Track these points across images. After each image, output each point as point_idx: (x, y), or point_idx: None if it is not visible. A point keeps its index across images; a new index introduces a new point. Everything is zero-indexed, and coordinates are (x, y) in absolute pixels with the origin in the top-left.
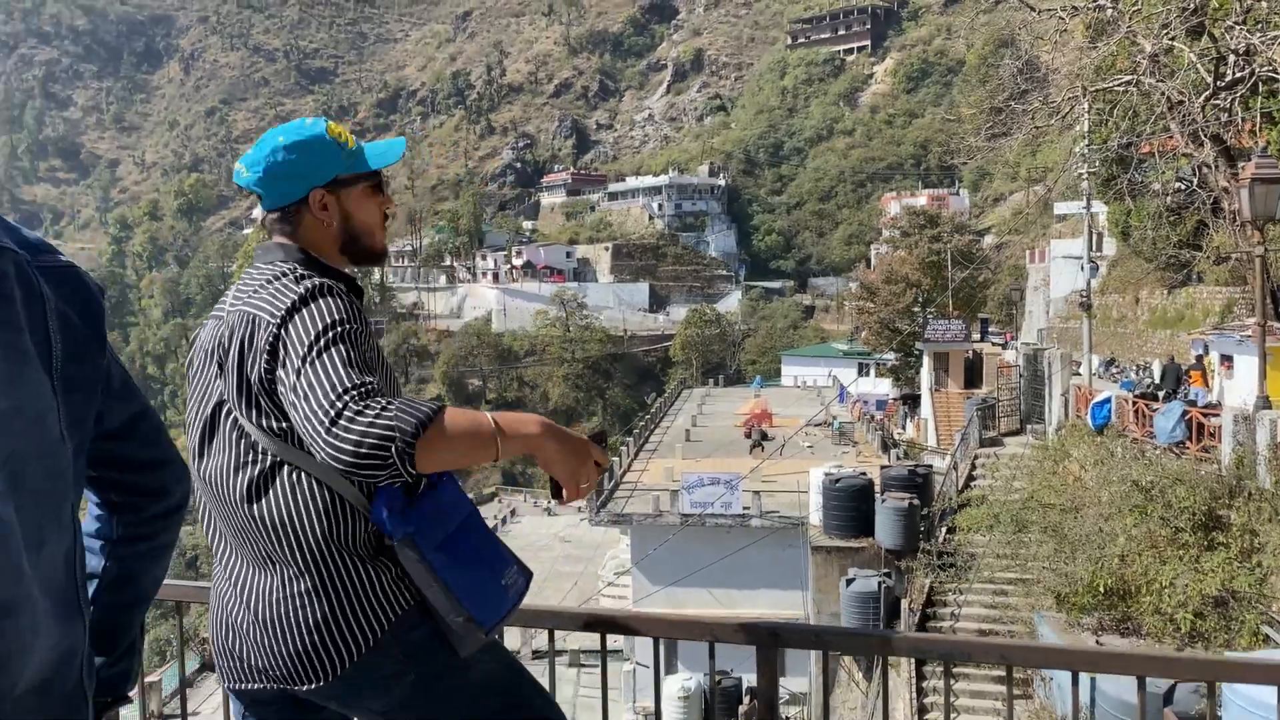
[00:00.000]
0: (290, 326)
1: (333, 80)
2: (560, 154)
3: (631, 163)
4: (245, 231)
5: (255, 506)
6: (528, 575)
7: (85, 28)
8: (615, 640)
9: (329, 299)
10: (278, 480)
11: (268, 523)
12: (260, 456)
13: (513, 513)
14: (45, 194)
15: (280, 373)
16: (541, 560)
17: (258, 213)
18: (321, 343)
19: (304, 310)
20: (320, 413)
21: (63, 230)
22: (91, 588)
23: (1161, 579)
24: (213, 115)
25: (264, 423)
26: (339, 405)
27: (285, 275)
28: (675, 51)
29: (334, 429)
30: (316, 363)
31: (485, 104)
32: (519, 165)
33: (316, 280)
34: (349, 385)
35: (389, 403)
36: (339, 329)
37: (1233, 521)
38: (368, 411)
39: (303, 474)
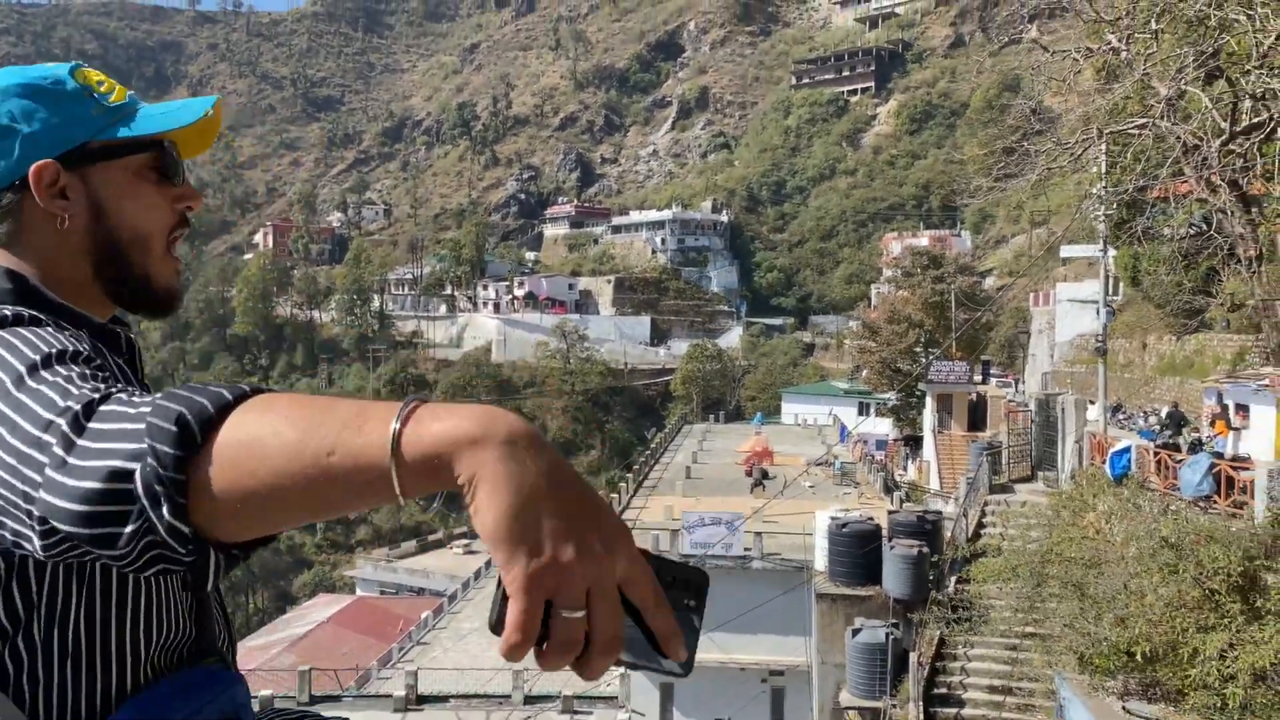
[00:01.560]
0: None
1: (339, 109)
2: (564, 186)
3: (635, 197)
4: (246, 257)
5: None
6: None
7: (95, 51)
8: (610, 684)
9: (18, 331)
10: None
11: None
12: None
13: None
14: None
15: None
16: None
17: (259, 237)
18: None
19: None
20: (27, 448)
21: None
22: None
23: (1207, 648)
24: (219, 141)
25: None
26: (61, 424)
27: None
28: (680, 89)
29: (60, 468)
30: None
31: (490, 135)
32: (523, 196)
33: None
34: (69, 401)
35: (144, 401)
36: (43, 354)
37: (1271, 585)
38: (99, 424)
39: None
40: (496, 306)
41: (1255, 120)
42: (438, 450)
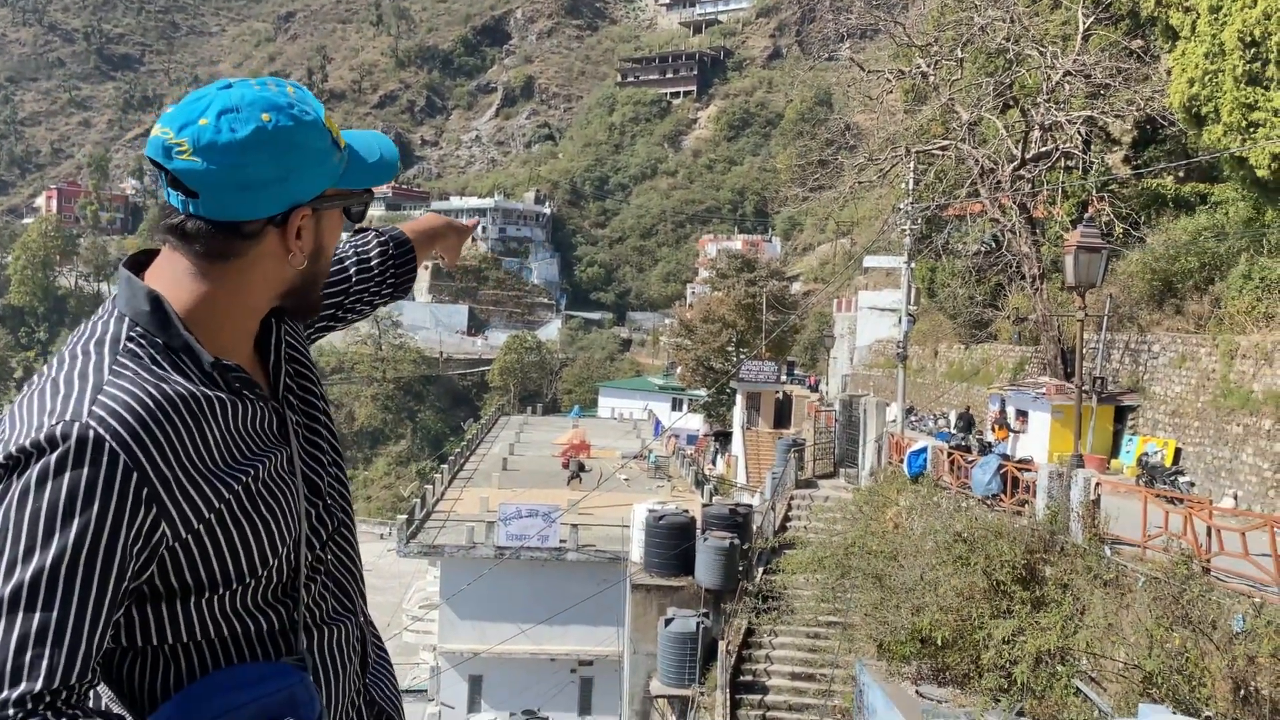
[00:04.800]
0: None
1: (138, 69)
2: None
3: (456, 182)
4: (25, 221)
5: None
6: None
7: None
8: (417, 678)
9: (77, 473)
10: None
11: None
12: None
13: None
14: None
15: None
16: None
17: (41, 200)
18: (4, 583)
19: (19, 483)
20: None
21: None
22: None
23: (999, 633)
24: None
25: None
26: None
27: (103, 352)
28: (506, 76)
29: None
30: None
31: None
32: None
33: (104, 403)
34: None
35: None
36: (40, 560)
37: (1048, 576)
38: None
39: None
40: None
41: (1043, 149)
42: None
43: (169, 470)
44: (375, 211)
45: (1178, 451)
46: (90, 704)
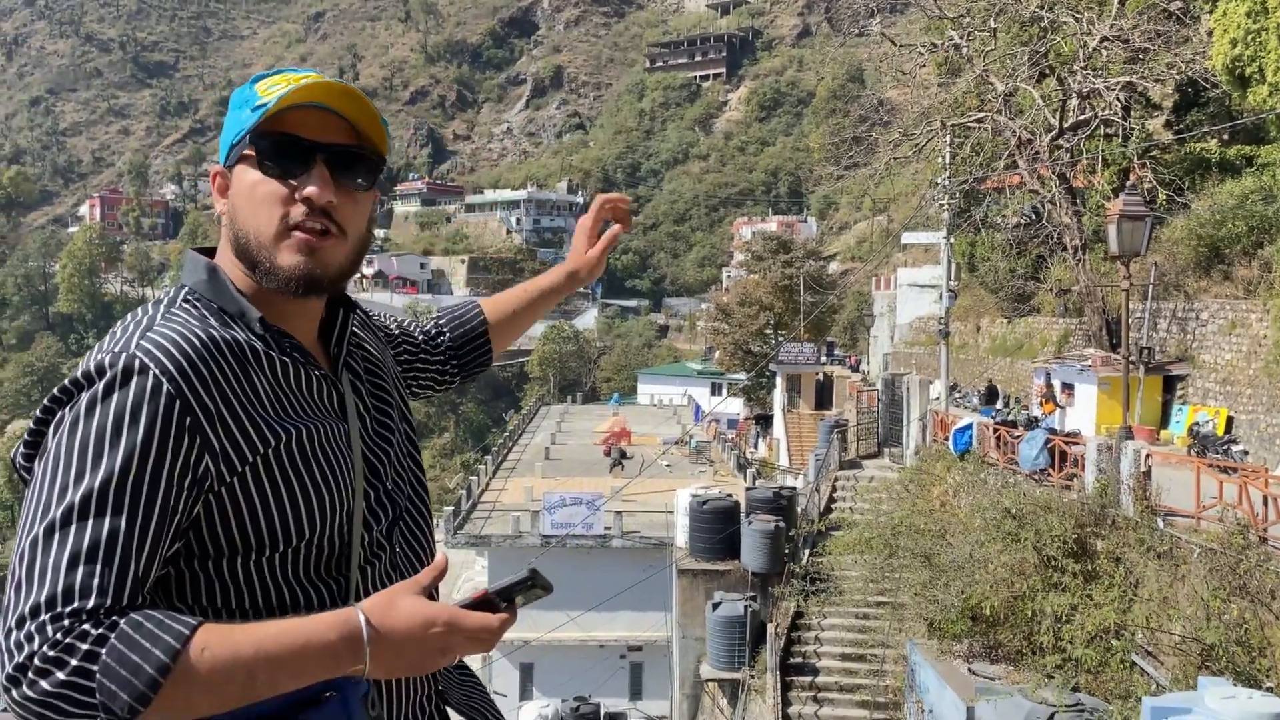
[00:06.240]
0: (44, 439)
1: (172, 75)
2: (415, 162)
3: (489, 175)
4: (71, 229)
5: None
6: None
7: None
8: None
9: (124, 395)
10: None
11: None
12: None
13: None
14: None
15: None
16: None
17: (85, 209)
18: (58, 505)
19: (70, 413)
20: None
21: None
22: None
23: (1053, 608)
24: (38, 105)
25: None
26: (22, 650)
27: (159, 307)
28: (535, 67)
29: (12, 678)
30: (36, 534)
31: None
32: None
33: (151, 338)
34: (38, 614)
35: (94, 649)
36: (92, 479)
37: (1100, 550)
38: (56, 670)
39: None
40: None
41: (1081, 118)
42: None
43: (212, 404)
44: (411, 208)
45: (1229, 420)
46: None
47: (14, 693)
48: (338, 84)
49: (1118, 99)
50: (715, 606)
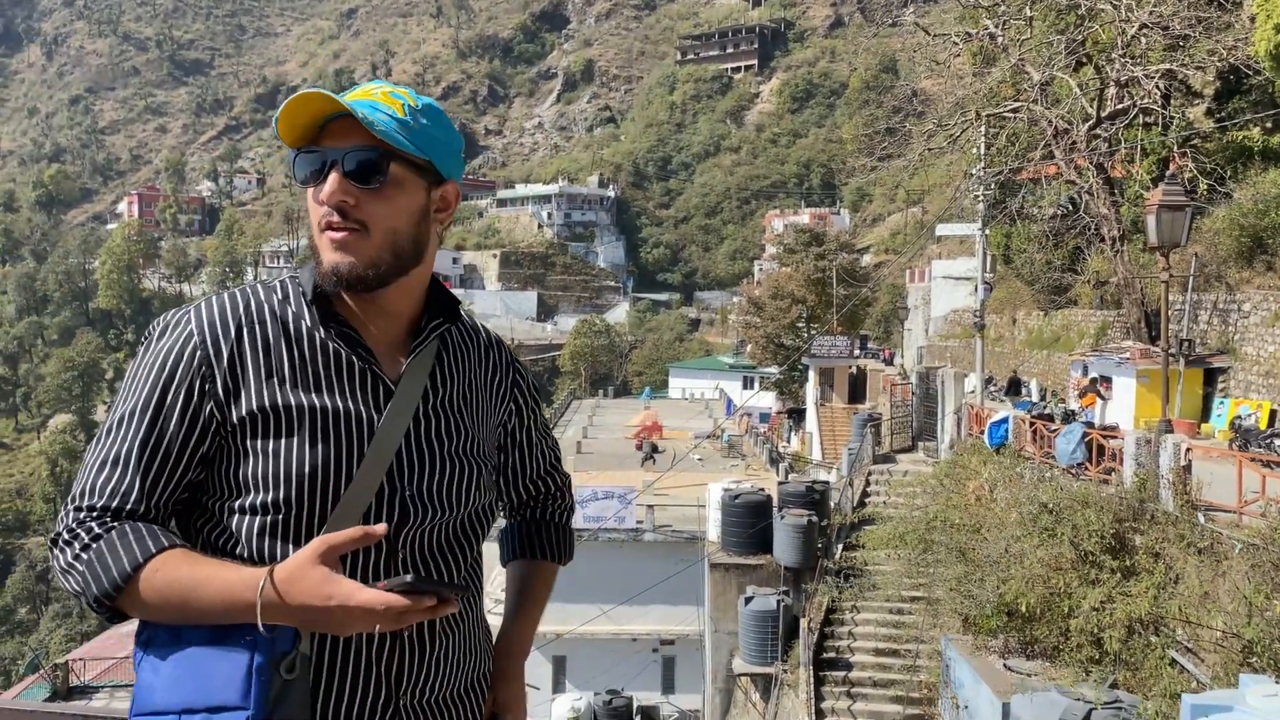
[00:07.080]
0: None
1: (208, 73)
2: None
3: (521, 170)
4: (109, 226)
5: None
6: None
7: None
8: None
9: (166, 341)
10: None
11: None
12: None
13: None
14: None
15: None
16: None
17: (123, 206)
18: (110, 417)
19: (141, 348)
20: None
21: None
22: None
23: (1089, 601)
24: (77, 104)
25: None
26: (58, 525)
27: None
28: (566, 60)
29: (51, 542)
30: (99, 435)
31: None
32: None
33: (209, 300)
34: (73, 501)
35: (90, 543)
36: (129, 404)
37: (1138, 545)
38: (67, 550)
39: None
40: None
41: (1119, 106)
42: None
43: (229, 358)
44: None
45: (1273, 413)
46: None
47: (51, 554)
48: (302, 93)
49: (1157, 87)
50: (748, 601)
